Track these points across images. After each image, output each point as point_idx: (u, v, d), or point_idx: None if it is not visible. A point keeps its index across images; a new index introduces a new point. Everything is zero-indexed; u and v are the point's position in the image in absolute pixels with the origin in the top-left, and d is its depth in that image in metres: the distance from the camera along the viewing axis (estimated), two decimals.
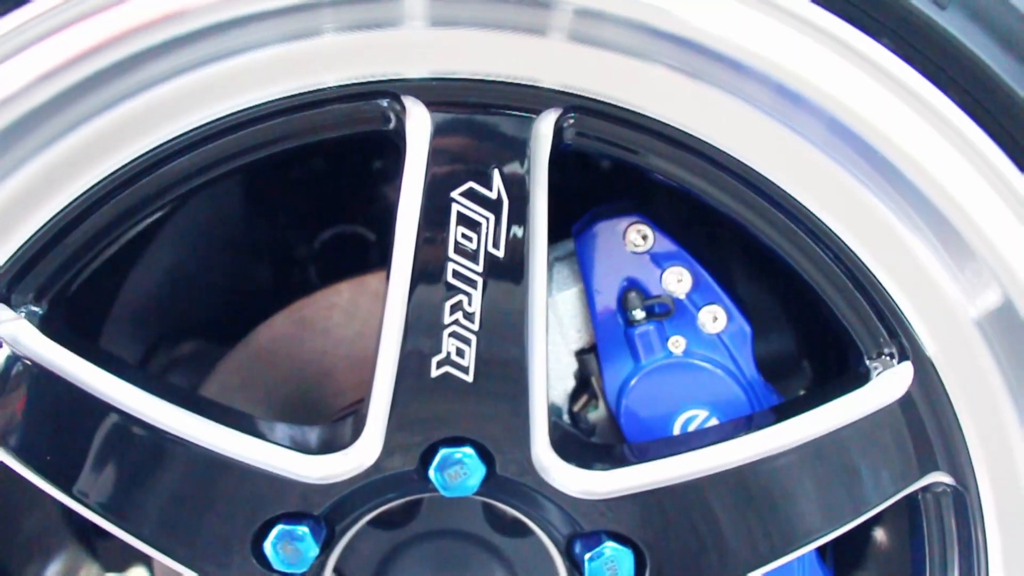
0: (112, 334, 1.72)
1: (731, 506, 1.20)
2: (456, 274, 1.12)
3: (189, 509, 1.20)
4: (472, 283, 1.12)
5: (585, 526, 1.21)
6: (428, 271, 1.12)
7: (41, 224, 1.13)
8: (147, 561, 1.78)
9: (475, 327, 1.13)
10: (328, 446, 1.21)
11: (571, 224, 1.33)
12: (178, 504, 1.20)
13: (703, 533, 1.20)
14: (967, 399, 1.21)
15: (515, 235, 1.12)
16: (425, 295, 1.13)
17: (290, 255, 1.79)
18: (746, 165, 1.14)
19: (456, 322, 1.13)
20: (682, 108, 1.12)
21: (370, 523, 1.31)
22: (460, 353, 1.14)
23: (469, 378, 1.14)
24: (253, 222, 1.80)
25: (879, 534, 1.46)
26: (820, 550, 1.41)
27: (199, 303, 1.81)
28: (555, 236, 1.32)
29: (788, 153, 1.14)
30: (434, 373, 1.14)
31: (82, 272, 1.19)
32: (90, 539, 1.92)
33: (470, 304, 1.13)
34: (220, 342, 1.54)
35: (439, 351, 1.14)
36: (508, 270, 1.12)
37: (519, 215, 1.12)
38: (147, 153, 1.11)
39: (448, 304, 1.13)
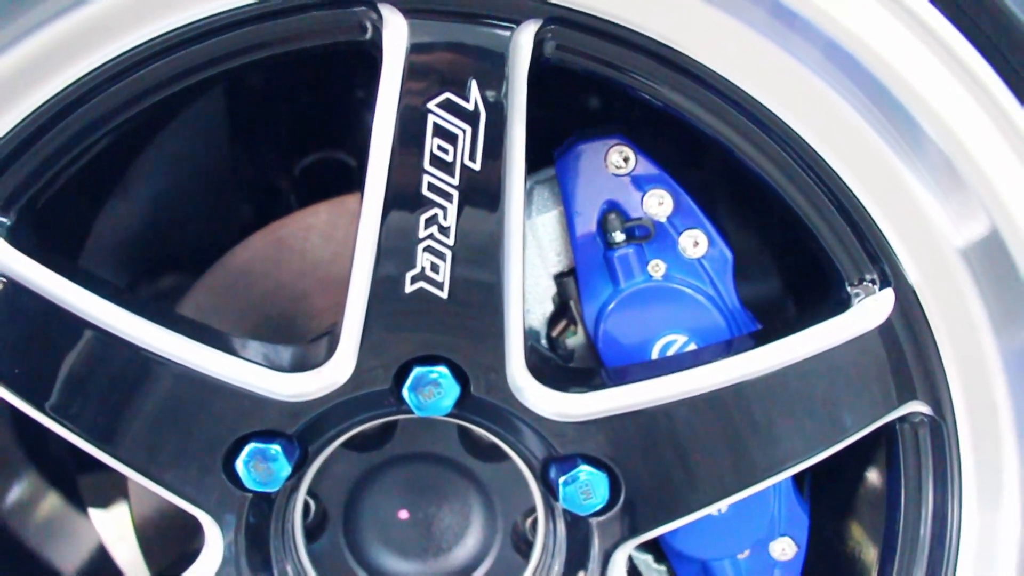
0: (91, 265, 1.70)
1: (708, 431, 1.19)
2: (431, 187, 1.10)
3: (161, 426, 1.19)
4: (448, 196, 1.10)
5: (560, 449, 1.20)
6: (403, 183, 1.10)
7: (8, 129, 1.10)
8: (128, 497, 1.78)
9: (450, 242, 1.11)
10: (301, 364, 1.20)
11: (553, 156, 1.31)
12: (150, 421, 1.18)
13: (679, 458, 1.19)
14: (948, 329, 1.20)
15: (492, 148, 1.09)
16: (400, 208, 1.11)
17: (271, 183, 1.77)
18: (731, 83, 1.12)
19: (431, 236, 1.11)
20: (666, 22, 1.09)
21: (344, 445, 1.31)
22: (435, 268, 1.12)
23: (444, 295, 1.12)
24: (234, 150, 1.77)
25: (855, 467, 1.46)
26: (798, 483, 1.41)
27: (179, 234, 1.79)
28: (538, 166, 1.32)
29: (776, 72, 1.12)
30: (408, 289, 1.12)
31: (53, 183, 1.17)
32: (69, 474, 1.92)
33: (445, 218, 1.11)
34: (201, 273, 1.52)
35: (413, 266, 1.12)
36: (485, 184, 1.10)
37: (497, 128, 1.09)
38: (119, 57, 1.09)
39: (423, 218, 1.11)
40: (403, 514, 1.37)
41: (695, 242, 1.27)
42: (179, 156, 1.76)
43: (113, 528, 1.99)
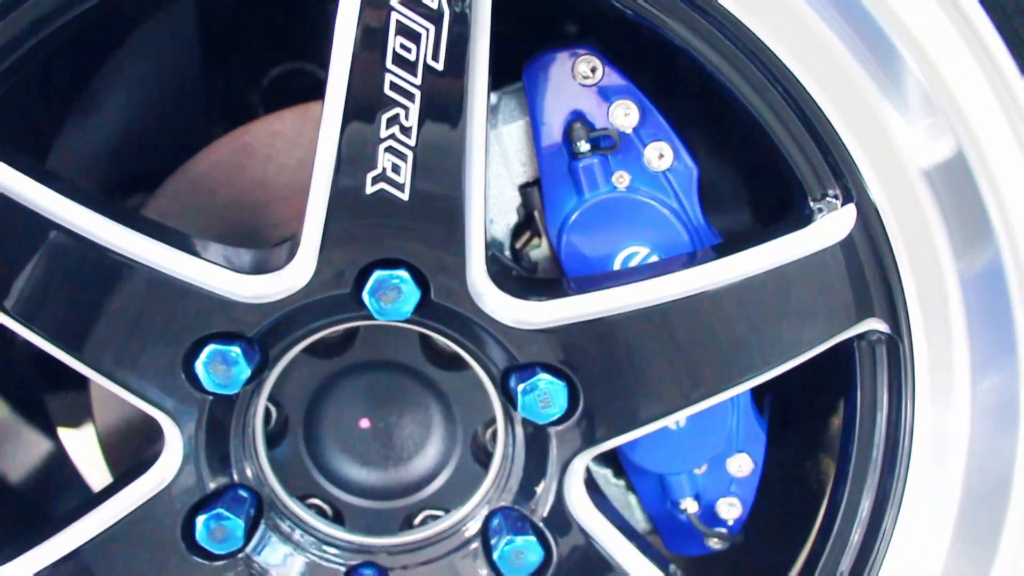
0: None
1: (667, 341, 1.19)
2: (393, 86, 1.09)
3: (121, 326, 1.18)
4: (410, 96, 1.09)
5: (519, 358, 1.20)
6: (365, 82, 1.09)
7: None
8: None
9: (411, 143, 1.10)
10: (262, 267, 1.20)
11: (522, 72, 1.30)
12: (110, 321, 1.18)
13: (637, 368, 1.20)
14: (908, 248, 1.21)
15: (456, 49, 1.08)
16: (362, 107, 1.10)
17: (240, 95, 1.75)
18: None
19: (392, 137, 1.10)
20: None
21: (306, 352, 1.31)
22: (396, 170, 1.11)
23: (405, 196, 1.12)
24: (202, 62, 1.75)
25: (812, 387, 1.47)
26: (757, 403, 1.42)
27: (147, 149, 1.77)
28: (505, 83, 1.31)
29: None
30: (369, 190, 1.12)
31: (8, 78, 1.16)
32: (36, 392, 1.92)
33: (407, 118, 1.10)
34: None
35: (374, 167, 1.11)
36: (447, 85, 1.09)
37: (461, 27, 1.08)
38: None
39: (384, 117, 1.10)
40: (364, 423, 1.38)
41: (660, 154, 1.27)
42: (146, 69, 1.73)
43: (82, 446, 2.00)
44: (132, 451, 1.50)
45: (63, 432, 1.99)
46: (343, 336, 1.36)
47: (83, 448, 1.95)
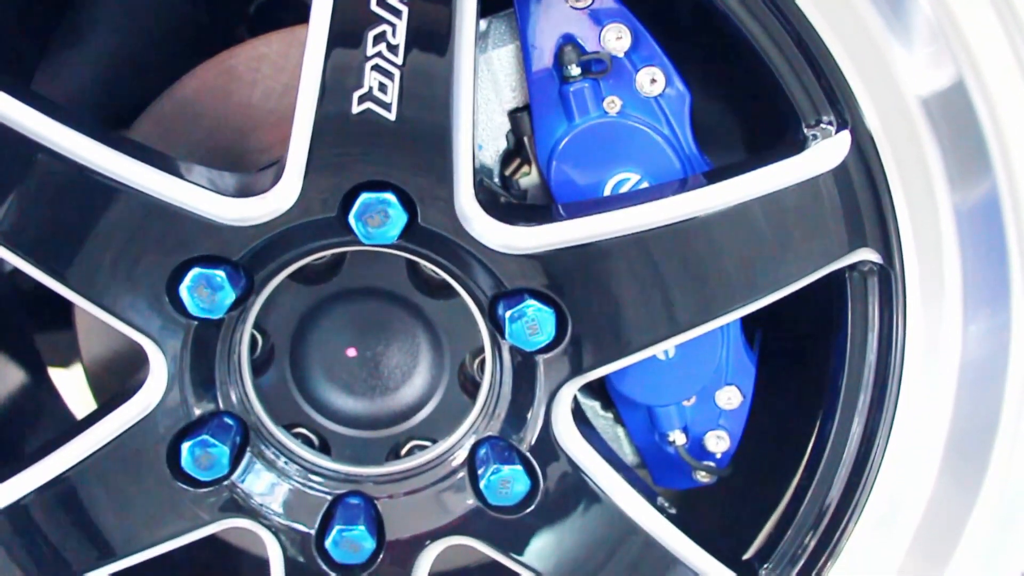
0: None
1: (656, 268, 1.18)
2: (380, 1, 1.07)
3: (106, 249, 1.17)
4: (397, 12, 1.07)
5: (507, 284, 1.19)
6: None
7: None
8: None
9: (399, 61, 1.08)
10: (247, 190, 1.18)
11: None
12: (94, 244, 1.16)
13: (626, 295, 1.19)
14: (903, 178, 1.19)
15: None
16: (348, 23, 1.07)
17: (226, 24, 1.72)
18: None
19: (379, 55, 1.08)
20: None
21: (292, 278, 1.30)
22: (382, 88, 1.09)
23: (391, 116, 1.10)
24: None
25: (802, 320, 1.47)
26: (748, 337, 1.42)
27: (133, 80, 1.75)
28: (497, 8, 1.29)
29: None
30: (355, 109, 1.10)
31: None
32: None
33: (394, 35, 1.08)
34: None
35: (360, 85, 1.09)
36: (435, 1, 1.07)
37: None
38: None
39: (371, 34, 1.07)
40: (350, 352, 1.37)
41: (652, 79, 1.25)
42: (130, 2, 1.71)
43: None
44: (118, 383, 1.49)
45: (54, 372, 1.99)
46: (330, 263, 1.34)
47: (75, 388, 1.95)
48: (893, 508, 1.28)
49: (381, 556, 1.29)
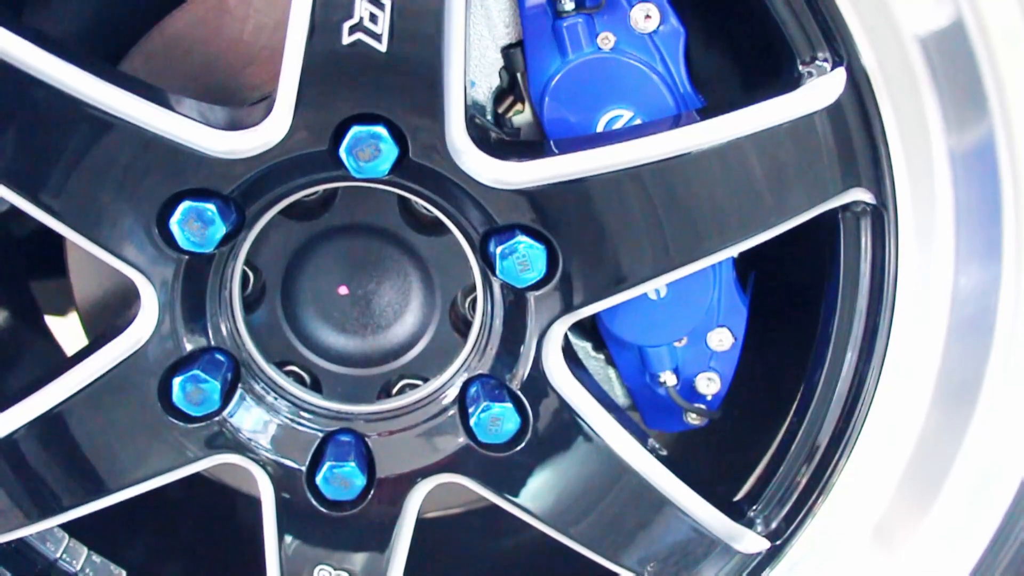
0: None
1: (647, 204, 1.17)
2: None
3: (96, 182, 1.16)
4: None
5: (498, 219, 1.18)
6: None
7: None
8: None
9: None
10: (237, 124, 1.17)
11: None
12: (86, 177, 1.16)
13: (617, 231, 1.18)
14: (898, 117, 1.19)
15: None
16: None
17: None
18: None
19: None
20: None
21: (283, 214, 1.30)
22: (373, 19, 1.08)
23: (382, 47, 1.09)
24: None
25: (794, 262, 1.46)
26: (741, 280, 1.42)
27: (126, 23, 1.73)
28: None
29: None
30: (345, 40, 1.09)
31: None
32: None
33: None
34: None
35: (351, 15, 1.08)
36: None
37: None
38: None
39: None
40: (342, 289, 1.37)
41: (647, 15, 1.24)
42: None
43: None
44: (109, 316, 1.49)
45: (50, 320, 1.99)
46: (321, 199, 1.34)
47: (71, 335, 1.95)
48: (884, 444, 1.28)
49: (372, 493, 1.29)
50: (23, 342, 1.88)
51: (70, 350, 1.89)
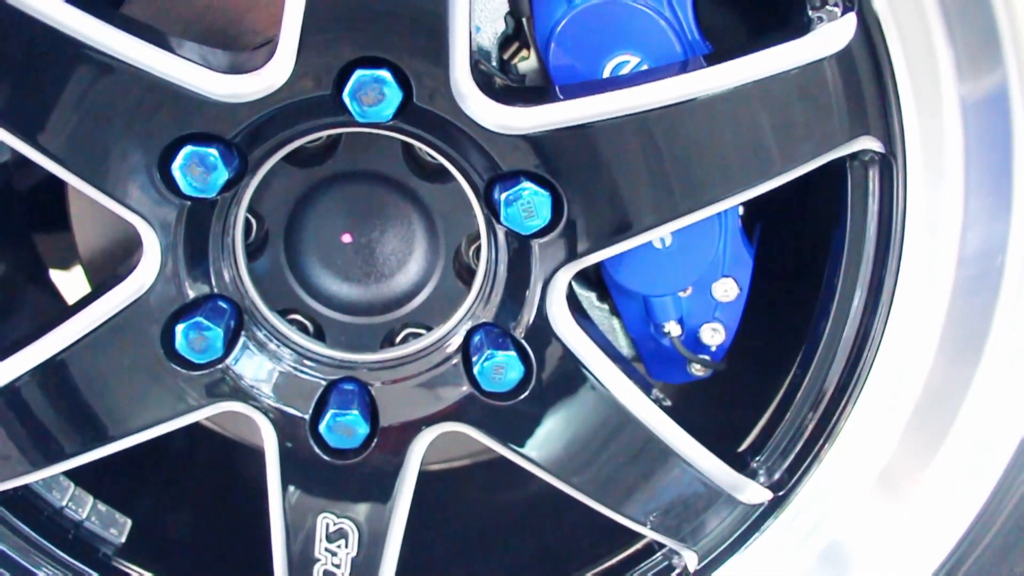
0: None
1: (654, 151, 1.16)
2: None
3: (98, 126, 1.15)
4: None
5: (503, 165, 1.17)
6: None
7: None
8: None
9: None
10: (240, 68, 1.16)
11: None
12: (87, 120, 1.15)
13: (622, 178, 1.17)
14: (909, 64, 1.17)
15: None
16: None
17: None
18: None
19: None
20: None
21: (287, 160, 1.28)
22: None
23: None
24: None
25: (800, 213, 1.45)
26: (747, 230, 1.41)
27: None
28: None
29: None
30: None
31: None
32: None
33: None
34: None
35: None
36: None
37: None
38: None
39: None
40: (346, 237, 1.36)
41: None
42: None
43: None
44: (112, 264, 1.49)
45: (54, 274, 1.98)
46: (324, 146, 1.33)
47: (76, 289, 1.95)
48: (891, 390, 1.28)
49: (375, 441, 1.29)
50: (27, 297, 1.88)
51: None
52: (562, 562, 1.52)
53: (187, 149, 1.15)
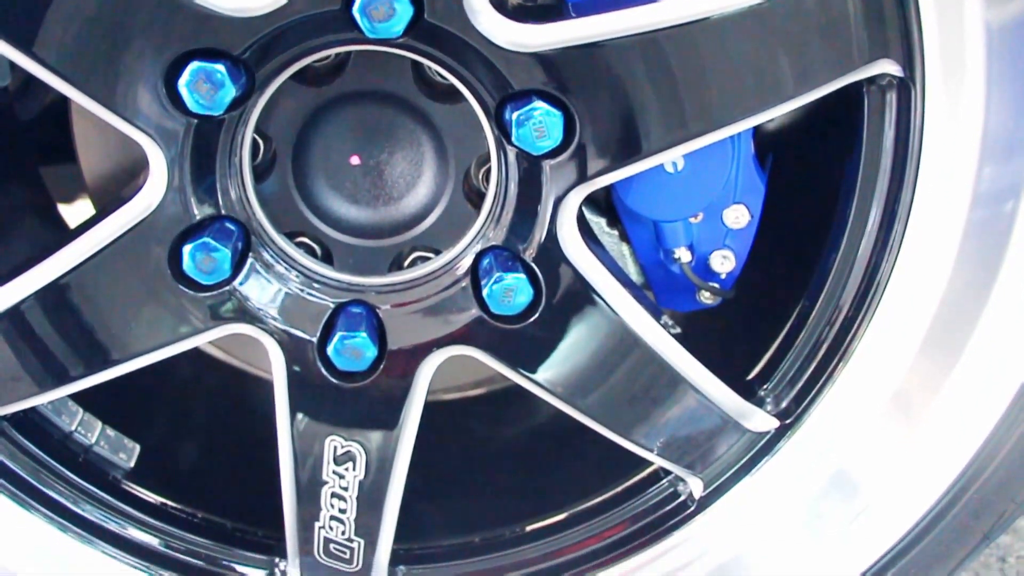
0: None
1: (667, 71, 1.15)
2: None
3: (102, 40, 1.13)
4: None
5: (514, 84, 1.16)
6: None
7: None
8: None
9: None
10: None
11: None
12: (90, 34, 1.13)
13: (635, 97, 1.16)
14: None
15: None
16: None
17: None
18: None
19: None
20: None
21: (294, 79, 1.27)
22: None
23: None
24: None
25: (814, 140, 1.44)
26: (759, 158, 1.39)
27: None
28: None
29: None
30: None
31: None
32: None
33: None
34: None
35: None
36: None
37: None
38: None
39: None
40: (354, 159, 1.35)
41: None
42: None
43: None
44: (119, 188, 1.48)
45: (62, 208, 1.97)
46: (333, 65, 1.31)
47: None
48: (904, 312, 1.27)
49: (383, 364, 1.29)
50: (35, 231, 1.87)
51: None
52: (567, 490, 1.53)
53: (194, 65, 1.13)
